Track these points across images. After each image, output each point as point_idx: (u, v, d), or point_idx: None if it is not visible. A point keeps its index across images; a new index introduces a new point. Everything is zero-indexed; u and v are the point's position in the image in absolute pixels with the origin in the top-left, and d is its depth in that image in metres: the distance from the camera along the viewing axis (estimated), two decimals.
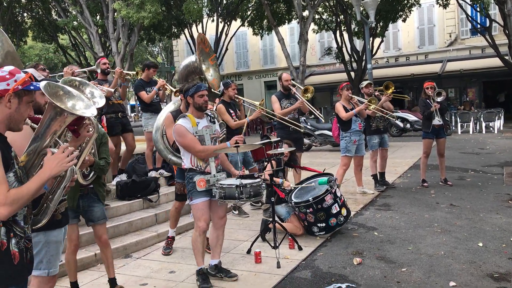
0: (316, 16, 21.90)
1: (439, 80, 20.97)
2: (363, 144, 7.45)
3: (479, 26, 21.39)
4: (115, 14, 18.40)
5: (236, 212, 6.63)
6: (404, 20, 21.84)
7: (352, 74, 22.47)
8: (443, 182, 7.93)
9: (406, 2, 20.84)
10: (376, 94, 7.87)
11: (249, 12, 23.59)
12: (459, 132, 17.96)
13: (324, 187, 5.36)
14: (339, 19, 22.17)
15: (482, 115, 18.25)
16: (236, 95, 6.37)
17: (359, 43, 23.62)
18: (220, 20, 24.11)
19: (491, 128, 17.99)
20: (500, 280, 3.90)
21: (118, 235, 5.42)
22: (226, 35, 24.54)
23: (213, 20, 24.23)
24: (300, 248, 4.95)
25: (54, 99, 2.12)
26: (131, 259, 5.01)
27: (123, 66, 19.29)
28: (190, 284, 4.19)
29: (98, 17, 21.65)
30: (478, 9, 20.70)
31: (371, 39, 20.05)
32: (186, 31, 24.22)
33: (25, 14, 25.87)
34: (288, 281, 4.17)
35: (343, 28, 22.26)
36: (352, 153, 7.30)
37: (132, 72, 6.95)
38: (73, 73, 5.77)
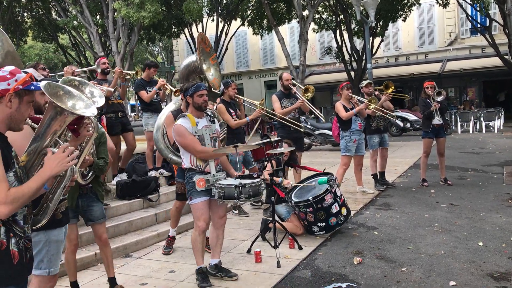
0: (316, 16, 21.89)
1: (439, 79, 20.97)
2: (363, 143, 7.45)
3: (479, 26, 21.39)
4: (115, 13, 18.40)
5: (236, 211, 6.63)
6: (404, 20, 21.83)
7: (352, 73, 22.47)
8: (443, 182, 7.93)
9: (406, 1, 20.83)
10: (376, 93, 7.88)
11: (249, 12, 23.59)
12: (459, 132, 17.96)
13: (324, 186, 5.35)
14: (339, 19, 22.17)
15: (482, 115, 18.25)
16: (236, 95, 6.38)
17: (359, 43, 23.62)
18: (220, 19, 24.10)
19: (491, 128, 17.99)
20: (500, 279, 3.90)
21: (118, 234, 5.42)
22: (226, 34, 24.53)
23: (213, 20, 24.22)
24: (300, 248, 4.95)
25: (55, 99, 2.12)
26: (131, 258, 5.02)
27: (123, 65, 19.28)
28: (190, 284, 4.19)
29: (98, 16, 21.66)
30: (478, 8, 20.71)
31: (371, 38, 20.06)
32: (186, 30, 24.22)
33: (25, 14, 25.87)
34: (288, 280, 4.17)
35: (343, 28, 22.25)
36: (352, 152, 7.30)
37: (131, 72, 6.94)
38: (73, 72, 5.77)
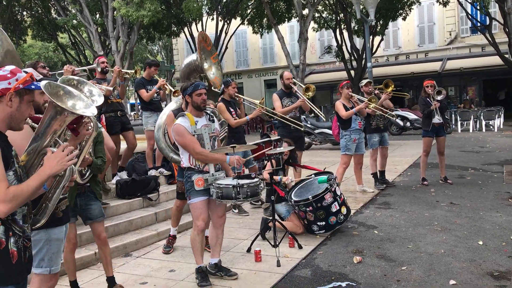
0: (316, 15, 21.88)
1: (439, 78, 20.97)
2: (363, 142, 7.45)
3: (479, 24, 21.38)
4: (115, 12, 18.39)
5: (236, 210, 6.63)
6: (404, 19, 21.83)
7: (352, 72, 22.47)
8: (443, 181, 7.93)
9: (406, 0, 20.82)
10: (376, 92, 7.87)
11: (249, 11, 23.57)
12: (459, 131, 17.96)
13: (324, 185, 5.35)
14: (339, 18, 22.16)
15: (482, 114, 18.26)
16: (236, 94, 6.37)
17: (359, 42, 23.61)
18: (219, 18, 24.09)
19: (491, 127, 18.00)
20: (500, 278, 3.90)
21: (118, 233, 5.42)
22: (226, 33, 24.53)
23: (212, 19, 24.21)
24: (300, 247, 4.95)
25: (55, 99, 2.12)
26: (131, 257, 5.01)
27: (123, 64, 19.29)
28: (190, 283, 4.19)
29: (98, 15, 21.66)
30: (478, 7, 20.70)
31: (371, 37, 20.05)
32: (186, 29, 24.22)
33: (24, 13, 25.87)
34: (288, 279, 4.16)
35: (343, 27, 22.24)
36: (352, 151, 7.30)
37: (130, 71, 6.94)
38: (73, 71, 5.77)
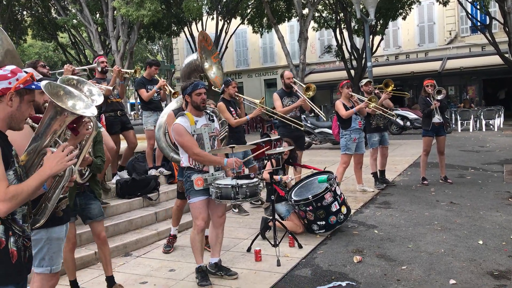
0: (316, 14, 21.87)
1: (439, 78, 20.97)
2: (363, 142, 7.45)
3: (479, 24, 21.37)
4: (115, 12, 18.39)
5: (236, 210, 6.63)
6: (404, 18, 21.82)
7: (352, 72, 22.45)
8: (443, 180, 7.93)
9: None
10: (376, 92, 7.87)
11: (248, 10, 23.56)
12: (459, 130, 17.96)
13: (324, 185, 5.35)
14: (339, 17, 22.14)
15: (482, 113, 18.25)
16: (237, 93, 6.38)
17: (359, 41, 23.60)
18: (219, 18, 24.08)
19: (491, 126, 17.99)
20: (500, 278, 3.90)
21: (118, 233, 5.42)
22: (226, 33, 24.52)
23: (212, 18, 24.21)
24: (300, 246, 4.95)
25: (55, 99, 2.12)
26: (131, 257, 5.01)
27: (123, 64, 19.28)
28: (190, 283, 4.19)
29: (98, 15, 21.65)
30: (478, 6, 20.68)
31: (371, 37, 20.04)
32: (186, 29, 24.21)
33: (24, 12, 25.86)
34: (288, 279, 4.17)
35: (343, 26, 22.23)
36: (352, 151, 7.30)
37: (130, 71, 6.94)
38: (73, 71, 5.76)
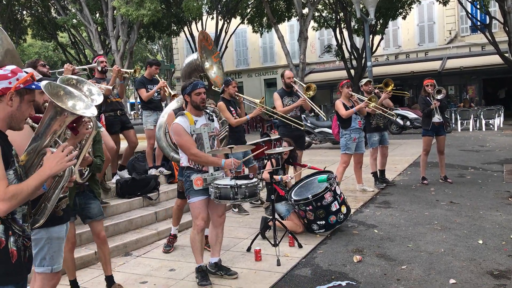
0: (316, 14, 21.87)
1: (439, 77, 20.96)
2: (363, 141, 7.45)
3: (479, 23, 21.36)
4: (115, 11, 18.38)
5: (236, 210, 6.63)
6: (404, 18, 21.81)
7: (352, 71, 22.45)
8: (443, 180, 7.93)
9: None
10: (376, 91, 7.87)
11: (248, 10, 23.56)
12: (459, 130, 17.96)
13: (324, 184, 5.35)
14: (338, 17, 22.14)
15: (482, 113, 18.25)
16: (237, 93, 6.38)
17: (359, 41, 23.60)
18: (219, 17, 24.08)
19: (491, 126, 17.99)
20: (500, 277, 3.90)
21: (118, 233, 5.42)
22: (226, 32, 24.51)
23: (212, 18, 24.20)
24: (300, 246, 4.95)
25: (55, 99, 2.12)
26: (131, 257, 5.01)
27: (123, 64, 19.28)
28: (190, 282, 4.19)
29: (98, 15, 21.64)
30: (478, 6, 20.68)
31: (371, 36, 20.04)
32: (186, 28, 24.20)
33: (24, 12, 25.85)
34: (288, 278, 4.17)
35: (343, 26, 22.23)
36: (352, 150, 7.30)
37: (130, 70, 6.94)
38: (73, 70, 5.77)
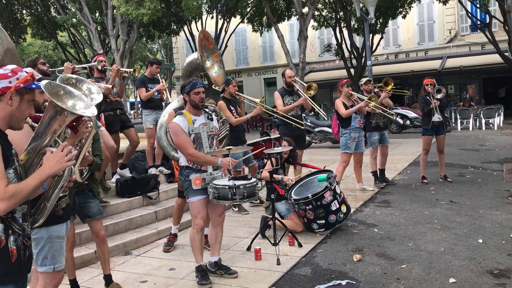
0: (316, 13, 21.86)
1: (439, 76, 20.97)
2: (362, 141, 7.45)
3: (479, 23, 21.36)
4: (114, 11, 18.37)
5: (236, 209, 6.63)
6: (404, 17, 21.81)
7: (352, 70, 22.45)
8: (442, 179, 7.93)
9: None
10: (376, 91, 7.87)
11: (248, 9, 23.55)
12: (459, 129, 17.96)
13: (324, 184, 5.35)
14: (338, 16, 22.13)
15: (481, 112, 18.25)
16: (237, 92, 6.38)
17: (358, 40, 23.60)
18: (219, 17, 24.07)
19: (491, 125, 17.99)
20: (500, 276, 3.90)
21: (118, 232, 5.42)
22: (226, 32, 24.51)
23: (212, 17, 24.19)
24: (300, 245, 4.95)
25: (55, 99, 2.12)
26: (131, 256, 5.02)
27: (123, 63, 19.27)
28: (190, 281, 4.19)
29: (97, 14, 21.63)
30: (478, 5, 20.67)
31: (371, 35, 20.02)
32: (186, 28, 24.19)
33: (24, 11, 25.84)
34: (288, 278, 4.17)
35: (342, 25, 22.22)
36: (351, 150, 7.30)
37: (129, 70, 6.93)
38: (73, 69, 5.76)
